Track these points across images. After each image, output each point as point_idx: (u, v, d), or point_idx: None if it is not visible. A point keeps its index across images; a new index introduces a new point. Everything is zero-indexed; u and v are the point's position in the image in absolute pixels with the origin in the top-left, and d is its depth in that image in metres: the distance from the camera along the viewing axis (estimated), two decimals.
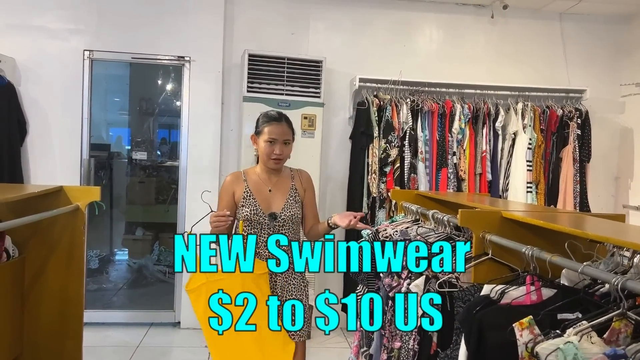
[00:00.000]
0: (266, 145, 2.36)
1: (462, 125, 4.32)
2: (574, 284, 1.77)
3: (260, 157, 2.43)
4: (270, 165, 2.40)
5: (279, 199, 2.43)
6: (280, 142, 2.37)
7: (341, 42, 4.62)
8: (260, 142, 2.39)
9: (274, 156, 2.37)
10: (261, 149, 2.39)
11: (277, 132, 2.37)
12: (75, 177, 4.30)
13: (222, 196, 2.45)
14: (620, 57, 4.88)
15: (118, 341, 4.10)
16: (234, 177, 2.46)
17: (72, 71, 4.27)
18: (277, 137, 2.36)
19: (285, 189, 2.46)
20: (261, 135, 2.39)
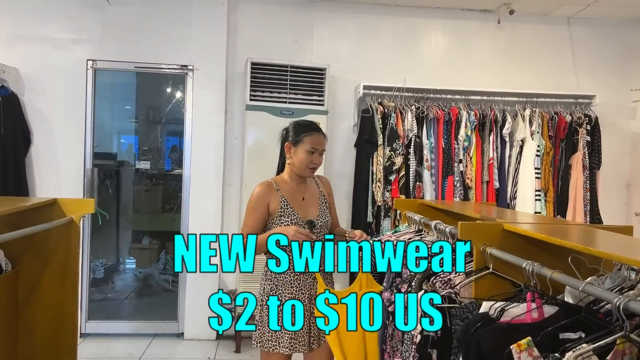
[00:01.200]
0: (306, 155, 2.40)
1: (468, 133, 4.24)
2: (578, 300, 1.70)
3: (297, 166, 2.44)
4: (307, 173, 2.46)
5: (313, 207, 2.47)
6: (318, 152, 2.42)
7: (345, 49, 4.58)
8: (299, 151, 2.41)
9: (312, 165, 2.42)
10: (299, 158, 2.41)
11: (318, 142, 2.41)
12: (79, 187, 4.29)
13: (257, 207, 2.40)
14: (631, 61, 4.78)
15: (121, 353, 4.07)
16: (265, 188, 2.43)
17: (75, 81, 4.27)
18: (317, 147, 2.41)
19: (315, 196, 2.52)
20: (300, 144, 2.41)
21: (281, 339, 2.33)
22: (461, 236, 1.97)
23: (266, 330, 2.35)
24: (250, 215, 2.40)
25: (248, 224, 2.40)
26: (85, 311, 4.36)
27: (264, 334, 2.36)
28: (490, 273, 1.89)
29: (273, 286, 2.39)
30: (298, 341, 2.36)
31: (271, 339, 2.34)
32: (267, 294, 2.39)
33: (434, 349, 1.94)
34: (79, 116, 4.28)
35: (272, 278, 2.41)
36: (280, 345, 2.33)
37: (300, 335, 2.36)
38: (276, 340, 2.34)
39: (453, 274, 2.06)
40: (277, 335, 2.34)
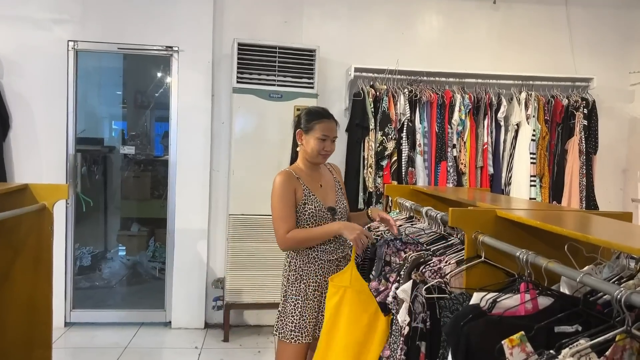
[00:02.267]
0: (318, 142, 2.39)
1: (462, 117, 4.13)
2: (574, 290, 1.60)
3: (308, 153, 2.42)
4: (319, 160, 2.45)
5: (331, 193, 2.49)
6: (330, 139, 2.42)
7: (336, 30, 4.43)
8: (311, 138, 2.40)
9: (323, 152, 2.41)
10: (311, 146, 2.40)
11: (330, 129, 2.41)
12: (61, 173, 4.16)
13: (286, 195, 2.34)
14: (630, 43, 4.66)
15: (106, 342, 3.97)
16: (287, 176, 2.38)
17: (56, 63, 4.11)
18: (329, 134, 2.40)
19: (331, 183, 2.53)
20: (312, 132, 2.40)
21: (304, 329, 2.34)
22: (452, 223, 1.88)
23: (289, 321, 2.35)
24: (282, 206, 2.33)
25: (284, 215, 2.33)
26: (70, 300, 4.25)
27: (287, 324, 2.35)
28: (483, 262, 1.80)
29: (297, 276, 2.38)
30: (320, 327, 2.36)
31: (295, 330, 2.34)
32: (292, 284, 2.38)
33: (422, 341, 1.85)
34: (60, 100, 4.13)
35: (296, 268, 2.39)
36: (304, 335, 2.34)
37: (321, 322, 2.36)
38: (299, 330, 2.35)
39: (443, 263, 1.96)
40: (300, 325, 2.35)
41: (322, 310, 2.38)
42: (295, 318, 2.34)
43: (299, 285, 2.36)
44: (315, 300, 2.38)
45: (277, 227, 2.32)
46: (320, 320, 2.39)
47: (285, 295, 2.38)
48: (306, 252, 2.38)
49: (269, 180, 3.93)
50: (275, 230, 2.33)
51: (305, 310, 2.35)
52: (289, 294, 2.37)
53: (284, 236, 2.31)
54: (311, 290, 2.37)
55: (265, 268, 4.03)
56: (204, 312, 4.33)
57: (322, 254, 2.40)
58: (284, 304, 2.38)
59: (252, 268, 4.05)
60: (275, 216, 2.33)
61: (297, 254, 2.39)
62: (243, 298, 4.07)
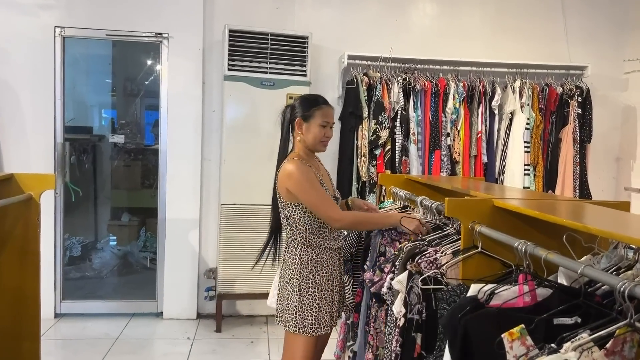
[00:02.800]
0: (319, 129, 2.34)
1: (456, 105, 4.09)
2: (572, 281, 1.58)
3: (310, 142, 2.36)
4: (320, 148, 2.41)
5: (328, 182, 2.46)
6: (329, 125, 2.38)
7: (329, 16, 4.37)
8: (312, 126, 2.34)
9: (324, 139, 2.37)
10: (312, 133, 2.34)
11: (329, 115, 2.38)
12: (49, 162, 4.09)
13: (313, 177, 2.29)
14: (624, 32, 4.63)
15: (97, 333, 3.93)
16: (302, 163, 2.31)
17: (43, 49, 4.02)
18: (329, 120, 2.37)
19: (326, 172, 2.52)
20: (312, 119, 2.34)
21: (323, 320, 2.33)
22: (448, 213, 1.84)
23: (308, 314, 2.31)
24: (317, 188, 2.27)
25: (324, 195, 2.28)
26: (59, 291, 4.20)
27: (307, 318, 2.31)
28: (479, 252, 1.76)
29: (312, 268, 2.33)
30: (334, 317, 2.40)
31: (315, 323, 2.32)
32: (306, 277, 2.32)
33: (418, 332, 1.82)
34: (47, 87, 4.05)
35: (309, 260, 2.33)
36: (322, 326, 2.33)
37: (334, 311, 2.40)
38: (319, 323, 2.32)
39: (439, 254, 1.93)
40: (319, 317, 2.32)
41: (334, 300, 2.38)
42: (314, 311, 2.30)
43: (314, 278, 2.32)
44: (329, 290, 2.35)
45: (325, 209, 2.24)
46: (334, 310, 2.39)
47: (299, 290, 2.30)
48: (319, 243, 2.33)
49: (261, 169, 3.94)
50: (325, 212, 2.23)
51: (323, 301, 2.32)
52: (303, 287, 2.31)
53: (341, 214, 2.27)
54: (325, 280, 2.34)
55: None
56: (196, 302, 4.29)
57: (331, 242, 2.37)
58: (300, 299, 2.30)
59: (245, 258, 4.00)
60: (316, 200, 2.24)
61: (308, 246, 2.32)
62: (235, 288, 4.04)
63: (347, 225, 2.34)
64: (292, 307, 2.32)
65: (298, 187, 2.25)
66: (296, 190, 2.26)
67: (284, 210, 2.37)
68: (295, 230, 2.35)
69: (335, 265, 2.41)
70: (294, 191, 2.27)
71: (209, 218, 4.31)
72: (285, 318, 2.35)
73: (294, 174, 2.25)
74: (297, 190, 2.26)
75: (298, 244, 2.35)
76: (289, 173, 2.27)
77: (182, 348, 3.72)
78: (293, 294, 2.33)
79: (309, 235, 2.33)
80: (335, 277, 2.41)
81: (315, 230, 2.33)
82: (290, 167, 2.28)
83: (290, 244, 2.39)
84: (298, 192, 2.26)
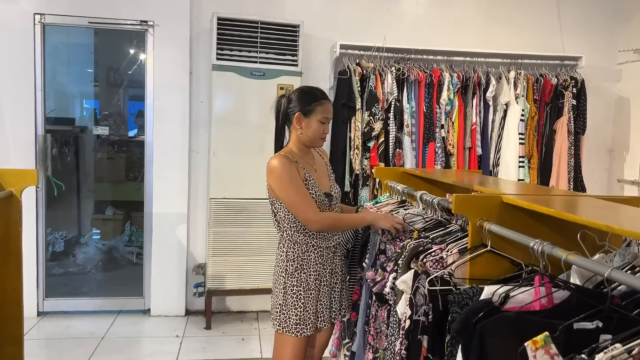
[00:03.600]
0: (319, 125, 2.26)
1: (450, 96, 4.01)
2: (585, 280, 1.51)
3: (309, 137, 2.28)
4: (319, 144, 2.36)
5: (324, 178, 2.38)
6: (328, 121, 2.31)
7: (320, 4, 4.25)
8: (312, 122, 2.26)
9: (323, 136, 2.30)
10: (312, 129, 2.26)
11: (329, 111, 2.29)
12: (30, 155, 3.93)
13: (295, 176, 2.19)
14: (617, 22, 4.58)
15: (82, 332, 3.80)
16: (287, 160, 2.20)
17: (21, 37, 3.85)
18: (328, 116, 2.29)
19: (323, 167, 2.43)
20: (312, 114, 2.25)
21: (308, 320, 2.26)
22: (455, 210, 1.75)
23: (292, 313, 2.24)
24: (297, 187, 2.18)
25: (304, 194, 2.18)
26: (42, 288, 4.06)
27: (290, 317, 2.24)
28: (488, 251, 1.69)
29: (297, 266, 2.26)
30: (322, 317, 2.32)
31: (299, 322, 2.24)
32: (291, 275, 2.25)
33: (424, 335, 1.74)
34: (27, 77, 3.88)
35: (295, 258, 2.26)
36: (308, 327, 2.26)
37: (322, 311, 2.31)
38: (303, 322, 2.25)
39: (445, 252, 1.85)
40: (304, 317, 2.24)
41: (321, 300, 2.30)
42: (298, 310, 2.23)
43: (300, 276, 2.24)
44: (316, 289, 2.28)
45: (303, 209, 2.16)
46: (320, 310, 2.30)
47: (284, 288, 2.24)
48: (305, 241, 2.25)
49: (251, 162, 3.83)
50: (302, 212, 2.16)
51: (308, 300, 2.25)
52: (288, 285, 2.24)
53: (318, 215, 2.18)
54: (312, 279, 2.26)
55: (248, 253, 3.90)
56: (185, 298, 4.18)
57: (321, 241, 2.28)
58: (285, 297, 2.24)
59: (235, 253, 3.91)
60: (294, 199, 2.16)
61: (295, 243, 2.25)
62: (225, 284, 3.93)
63: (325, 227, 2.24)
64: (277, 305, 2.27)
65: (277, 184, 2.19)
66: (275, 187, 2.20)
67: (272, 206, 2.31)
68: (281, 227, 2.29)
69: (326, 264, 2.32)
70: (274, 188, 2.21)
71: (197, 212, 4.19)
72: (273, 316, 2.30)
73: (276, 170, 2.18)
74: (276, 187, 2.20)
75: (285, 241, 2.29)
76: (271, 170, 2.20)
77: (171, 346, 3.62)
78: (279, 292, 2.28)
79: (294, 233, 2.26)
80: (324, 277, 2.32)
81: (300, 227, 2.25)
82: (273, 163, 2.20)
83: (280, 240, 2.33)
84: (277, 189, 2.20)
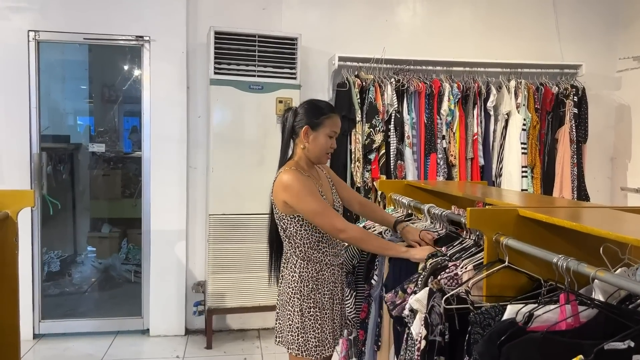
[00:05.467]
0: (326, 140, 2.19)
1: (451, 106, 3.97)
2: (608, 296, 1.45)
3: (315, 152, 2.21)
4: (324, 160, 2.28)
5: (328, 193, 2.29)
6: (336, 135, 2.24)
7: (318, 17, 4.22)
8: (320, 136, 2.18)
9: (329, 151, 2.23)
10: (319, 144, 2.19)
11: (337, 125, 2.22)
12: (25, 174, 3.85)
13: (313, 187, 2.13)
14: (616, 29, 4.57)
15: (79, 354, 3.70)
16: (299, 173, 2.14)
17: (16, 55, 3.79)
18: (337, 130, 2.22)
19: (326, 182, 2.35)
20: (321, 128, 2.18)
21: (326, 341, 2.19)
22: (470, 224, 1.69)
23: (311, 336, 2.16)
24: (317, 197, 2.11)
25: (325, 204, 2.11)
26: (38, 310, 3.95)
27: (309, 340, 2.16)
28: (505, 267, 1.63)
29: (313, 287, 2.17)
30: (337, 337, 2.27)
31: (319, 345, 2.16)
32: (307, 296, 2.16)
33: (441, 356, 1.67)
34: (21, 94, 3.81)
35: (310, 278, 2.17)
36: (326, 348, 2.20)
37: (337, 330, 2.27)
38: (322, 344, 2.18)
39: (459, 269, 1.79)
40: (322, 338, 2.17)
41: (335, 319, 2.24)
42: (317, 332, 2.15)
43: (315, 297, 2.16)
44: (330, 309, 2.21)
45: (329, 218, 2.07)
46: (336, 329, 2.24)
47: (301, 310, 2.15)
48: (319, 259, 2.18)
49: (251, 177, 3.76)
50: (329, 221, 2.07)
51: (324, 321, 2.18)
52: (305, 307, 2.15)
53: (346, 224, 2.09)
54: (326, 299, 2.19)
55: (249, 270, 3.82)
56: (184, 317, 4.09)
57: (332, 258, 2.22)
58: (302, 320, 2.15)
59: (235, 270, 3.83)
60: (317, 209, 2.07)
61: (308, 262, 2.17)
62: (226, 302, 3.85)
63: (352, 237, 2.13)
64: (294, 328, 2.17)
65: (296, 198, 2.09)
66: (294, 202, 2.10)
67: (280, 222, 2.21)
68: (293, 244, 2.19)
69: (337, 282, 2.27)
70: (291, 203, 2.11)
71: (196, 229, 4.11)
72: (287, 339, 2.19)
73: (292, 186, 2.09)
74: (296, 202, 2.10)
75: (297, 259, 2.19)
76: (286, 185, 2.10)
77: None
78: (294, 315, 2.17)
79: (307, 250, 2.18)
80: (337, 295, 2.26)
81: (314, 244, 2.17)
82: (286, 178, 2.11)
83: (289, 259, 2.23)
84: (296, 203, 2.10)
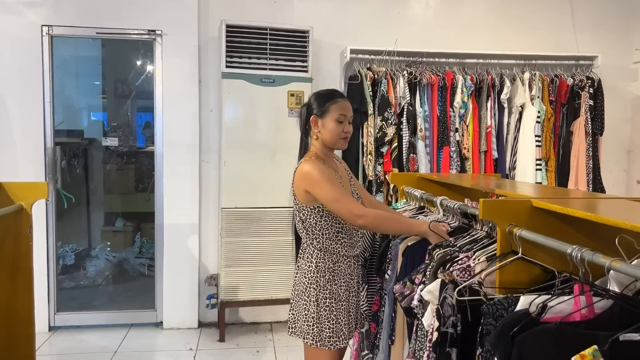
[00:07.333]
0: (336, 125, 2.18)
1: (464, 99, 3.93)
2: (624, 287, 1.42)
3: (328, 139, 2.20)
4: (340, 145, 2.24)
5: (347, 183, 2.30)
6: (347, 119, 2.21)
7: (329, 9, 4.20)
8: (328, 122, 2.18)
9: (343, 135, 2.21)
10: (330, 130, 2.18)
11: (345, 108, 2.20)
12: (40, 168, 3.89)
13: (331, 175, 2.13)
14: (633, 20, 4.49)
15: (94, 347, 3.74)
16: (318, 161, 2.15)
17: (29, 49, 3.82)
18: (346, 114, 2.20)
19: (345, 174, 2.35)
20: (328, 114, 2.18)
21: (341, 333, 2.19)
22: (483, 215, 1.68)
23: (326, 327, 2.16)
24: (336, 185, 2.10)
25: (343, 191, 2.11)
26: (53, 302, 4.00)
27: (324, 331, 2.16)
28: (518, 258, 1.61)
29: (329, 277, 2.17)
30: (352, 329, 2.25)
31: (333, 336, 2.16)
32: (323, 287, 2.17)
33: (453, 347, 1.66)
34: (35, 89, 3.84)
35: (326, 268, 2.17)
36: (341, 339, 2.19)
37: (352, 322, 2.25)
38: (337, 335, 2.17)
39: (472, 260, 1.77)
40: (337, 329, 2.17)
41: (351, 311, 2.23)
42: (331, 323, 2.16)
43: (332, 287, 2.16)
44: (346, 300, 2.20)
45: (346, 205, 2.06)
46: (351, 322, 2.23)
47: (317, 300, 2.15)
48: (336, 250, 2.17)
49: (263, 170, 3.77)
50: (346, 208, 2.06)
51: (340, 312, 2.17)
52: (320, 298, 2.15)
53: (363, 209, 2.08)
54: (342, 290, 2.19)
55: (261, 263, 3.83)
56: (197, 310, 4.11)
57: (349, 249, 2.21)
58: (318, 310, 2.15)
59: (248, 264, 3.84)
60: (335, 195, 2.07)
61: (325, 253, 2.16)
62: (239, 295, 3.86)
63: (370, 222, 2.10)
64: (310, 318, 2.17)
65: (315, 186, 2.09)
66: (314, 189, 2.10)
67: (299, 212, 2.20)
68: (311, 235, 2.19)
69: (353, 274, 2.26)
70: (311, 191, 2.11)
71: (209, 222, 4.13)
72: (302, 329, 2.19)
73: (312, 173, 2.10)
74: (315, 189, 2.10)
75: (314, 250, 2.19)
76: (306, 173, 2.11)
77: None
78: (310, 305, 2.17)
79: (325, 240, 2.17)
80: (352, 287, 2.25)
81: (332, 235, 2.17)
82: (306, 167, 2.12)
83: (305, 249, 2.23)
84: (316, 190, 2.10)
